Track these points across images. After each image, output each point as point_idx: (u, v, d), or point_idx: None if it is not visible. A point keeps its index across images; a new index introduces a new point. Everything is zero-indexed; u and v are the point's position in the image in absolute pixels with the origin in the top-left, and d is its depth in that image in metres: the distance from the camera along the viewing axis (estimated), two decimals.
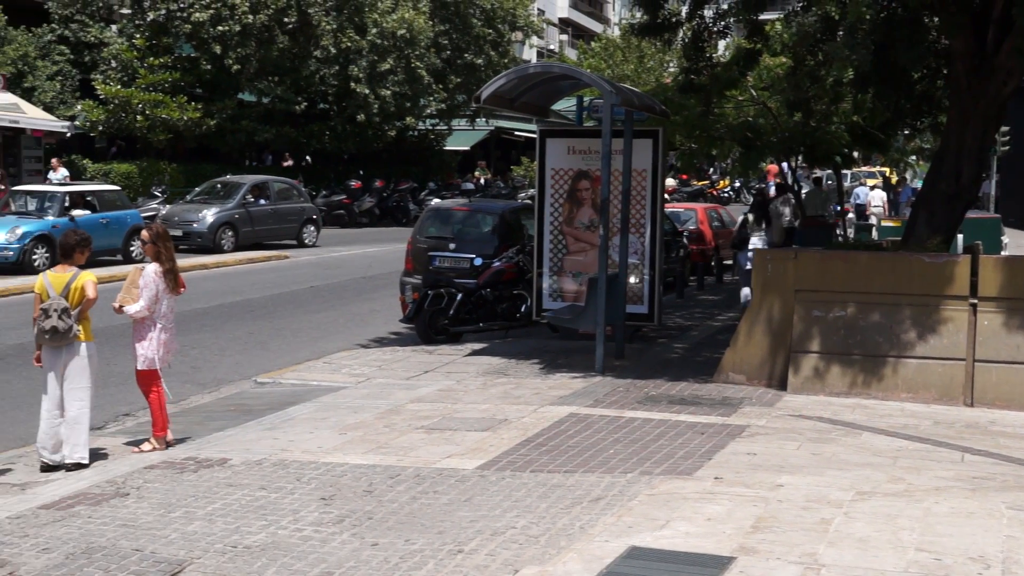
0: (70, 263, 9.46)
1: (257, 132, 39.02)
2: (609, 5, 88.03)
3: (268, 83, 38.61)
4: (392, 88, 40.01)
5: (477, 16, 44.34)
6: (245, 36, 36.28)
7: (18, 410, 11.55)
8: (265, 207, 29.95)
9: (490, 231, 17.54)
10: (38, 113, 33.74)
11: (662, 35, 15.20)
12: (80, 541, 7.18)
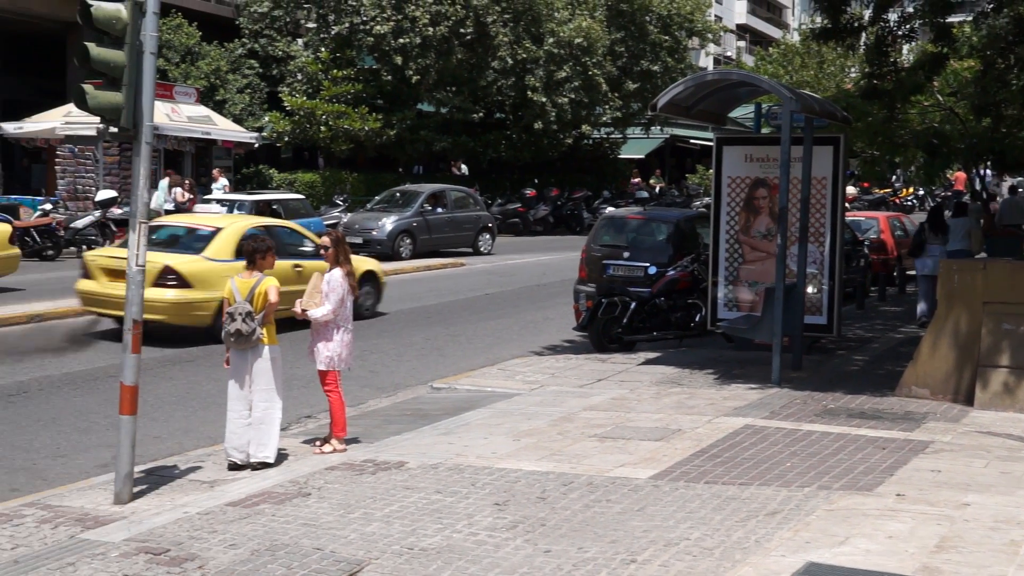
0: (255, 268, 9.78)
1: (435, 142, 39.68)
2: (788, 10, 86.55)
3: (446, 93, 39.22)
4: (568, 96, 40.16)
5: (653, 23, 44.12)
6: (425, 48, 36.95)
7: (207, 410, 12.00)
8: (442, 215, 30.42)
9: (665, 240, 17.42)
10: (228, 125, 35.07)
11: (844, 39, 14.88)
12: (264, 538, 7.41)
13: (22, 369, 13.92)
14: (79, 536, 7.60)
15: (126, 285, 8.59)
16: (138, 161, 8.51)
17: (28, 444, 10.60)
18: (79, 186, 32.04)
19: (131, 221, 8.58)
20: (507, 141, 42.04)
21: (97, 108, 8.32)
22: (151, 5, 8.31)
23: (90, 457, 10.22)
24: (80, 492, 8.80)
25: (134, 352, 8.53)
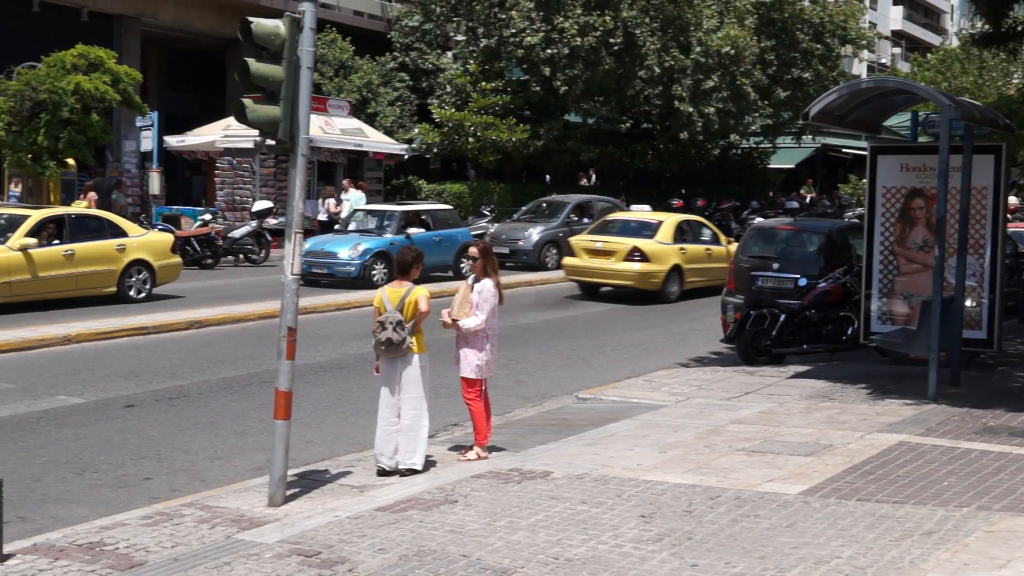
0: (405, 278, 9.93)
1: (582, 152, 39.72)
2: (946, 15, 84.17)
3: (593, 104, 39.24)
4: (716, 106, 39.77)
5: (804, 31, 43.39)
6: (573, 58, 37.04)
7: (357, 416, 12.24)
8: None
9: (816, 251, 17.11)
10: (379, 137, 35.73)
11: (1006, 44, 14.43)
12: (412, 544, 7.52)
13: (182, 374, 14.40)
14: (235, 536, 7.82)
15: (283, 293, 8.81)
16: (294, 173, 8.73)
17: (187, 446, 10.96)
18: (237, 197, 33.04)
19: (287, 231, 8.81)
20: (654, 151, 41.83)
21: (256, 121, 8.57)
22: (308, 21, 8.53)
23: (246, 460, 10.52)
24: (236, 494, 9.06)
25: (288, 359, 8.75)
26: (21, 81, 27.14)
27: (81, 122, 27.08)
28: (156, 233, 22.85)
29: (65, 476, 9.86)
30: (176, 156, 36.34)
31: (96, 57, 27.71)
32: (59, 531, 8.03)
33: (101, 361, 15.13)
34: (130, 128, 34.01)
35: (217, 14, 37.66)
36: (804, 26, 43.38)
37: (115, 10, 34.92)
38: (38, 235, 19.29)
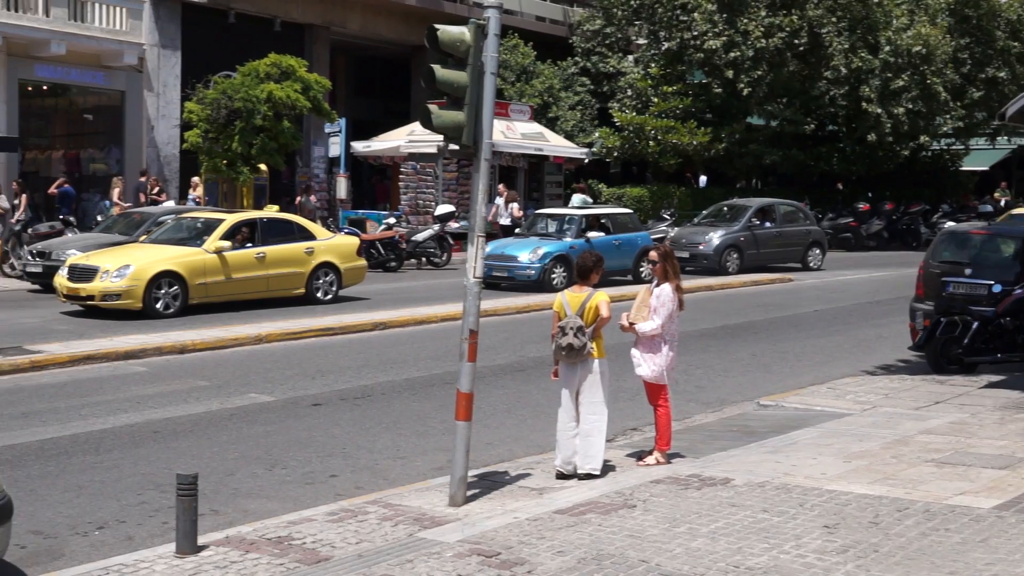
0: (586, 283, 9.94)
1: (765, 155, 39.11)
2: None
3: (777, 106, 38.59)
4: (905, 106, 38.60)
5: (1001, 28, 41.70)
6: (756, 60, 36.52)
7: (536, 419, 12.32)
8: (771, 230, 29.92)
9: (1012, 256, 16.39)
10: (560, 141, 35.91)
11: None
12: (591, 547, 7.53)
13: (367, 374, 14.75)
14: (417, 535, 7.97)
15: (465, 296, 8.94)
16: (477, 177, 8.85)
17: (371, 445, 11.22)
18: (420, 201, 33.69)
19: (469, 235, 8.93)
20: (839, 154, 40.88)
21: (441, 127, 8.72)
22: (492, 27, 8.64)
23: (427, 460, 10.70)
24: (418, 493, 9.23)
25: (470, 361, 8.87)
26: (218, 90, 28.29)
27: (273, 129, 28.08)
28: (342, 236, 23.49)
29: (256, 471, 10.21)
30: (362, 161, 37.27)
31: (288, 66, 28.69)
32: (250, 524, 8.32)
33: (290, 360, 15.62)
34: (319, 134, 35.08)
35: (403, 22, 38.48)
36: (1001, 23, 41.68)
37: (306, 20, 36.04)
38: (232, 238, 20.06)
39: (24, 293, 22.21)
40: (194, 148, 29.07)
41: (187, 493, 7.45)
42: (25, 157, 30.50)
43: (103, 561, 7.50)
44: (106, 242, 21.58)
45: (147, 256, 19.38)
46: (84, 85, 31.24)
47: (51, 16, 29.14)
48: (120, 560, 7.44)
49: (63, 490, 9.45)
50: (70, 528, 8.53)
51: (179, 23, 32.56)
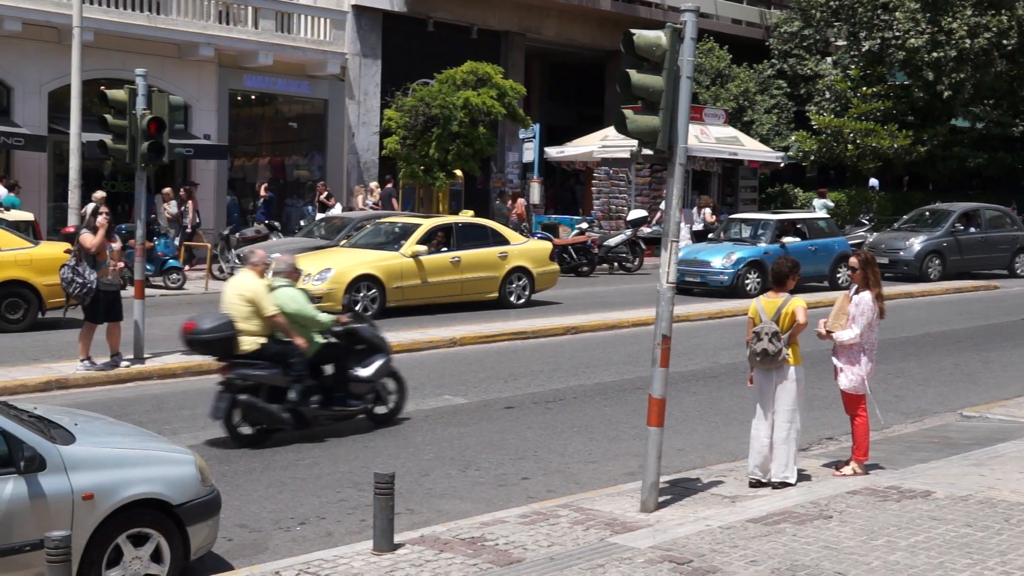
0: (782, 289, 9.77)
1: (969, 158, 37.64)
2: None
3: (983, 107, 37.09)
4: None
5: None
6: (960, 61, 35.20)
7: (729, 426, 12.16)
8: (975, 235, 28.76)
9: None
10: (755, 145, 35.37)
11: None
12: (784, 558, 7.39)
13: (559, 378, 14.83)
14: (608, 539, 7.97)
15: (658, 302, 8.90)
16: (671, 182, 8.80)
17: (563, 448, 11.28)
18: (612, 206, 33.69)
19: (663, 240, 8.89)
20: None
21: (636, 131, 8.71)
22: (689, 31, 8.58)
23: (618, 464, 10.70)
24: (609, 498, 9.23)
25: (662, 366, 8.82)
26: (416, 97, 28.93)
27: (469, 135, 28.54)
28: (536, 241, 23.68)
29: (449, 472, 10.39)
30: (555, 166, 37.49)
31: (484, 73, 29.12)
32: (444, 524, 8.48)
33: (483, 363, 15.83)
34: (513, 140, 35.46)
35: (597, 28, 38.56)
36: None
37: (503, 27, 36.49)
38: (428, 243, 20.47)
39: None
40: (392, 154, 29.78)
41: (384, 492, 7.64)
42: (233, 164, 31.81)
43: (304, 556, 7.76)
44: (308, 246, 22.31)
45: (347, 260, 19.95)
46: (289, 94, 32.39)
47: (259, 28, 30.32)
48: (320, 555, 7.68)
49: (267, 486, 9.82)
50: (273, 523, 8.86)
51: (380, 32, 33.41)
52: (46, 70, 26.96)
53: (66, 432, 7.25)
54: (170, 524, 7.20)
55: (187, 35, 28.63)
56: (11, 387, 13.09)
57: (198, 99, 29.41)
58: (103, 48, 26.62)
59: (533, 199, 33.86)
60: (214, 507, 7.59)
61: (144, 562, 7.10)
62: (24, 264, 17.47)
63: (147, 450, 7.56)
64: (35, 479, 6.68)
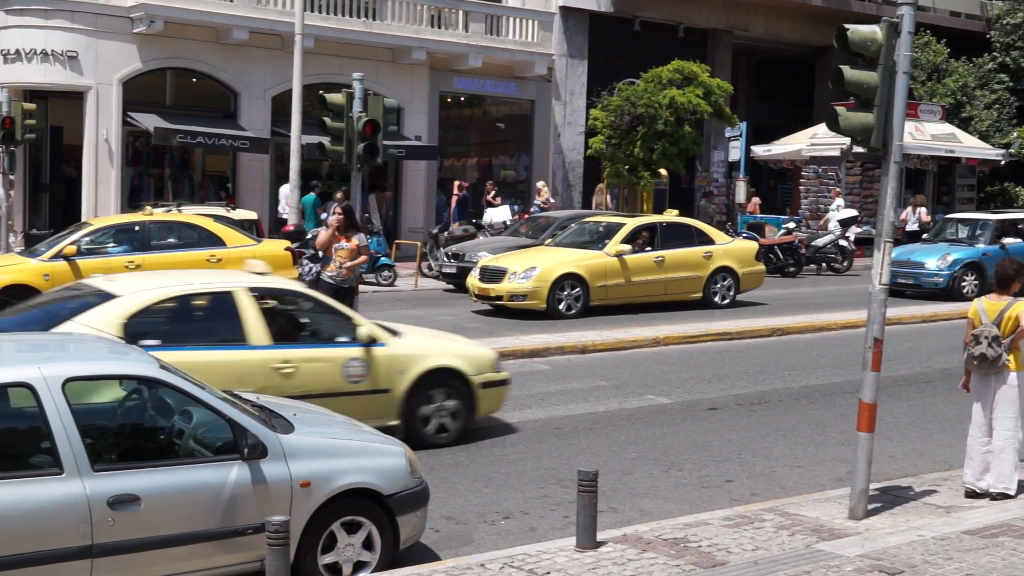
0: (1005, 292, 9.38)
1: None
2: None
3: None
4: None
5: None
6: None
7: (943, 433, 11.75)
8: None
9: None
10: (973, 142, 33.99)
11: None
12: (1003, 572, 7.12)
13: (763, 380, 14.62)
14: (814, 546, 7.83)
15: (870, 303, 8.68)
16: (886, 180, 8.57)
17: (767, 452, 11.11)
18: (821, 205, 32.92)
19: (876, 240, 8.66)
20: None
21: (848, 129, 8.51)
22: (906, 25, 8.33)
23: (825, 470, 10.48)
24: (815, 503, 9.05)
25: (874, 370, 8.59)
26: (622, 97, 28.96)
27: (674, 134, 28.40)
28: (741, 241, 23.38)
29: (652, 472, 10.38)
30: (761, 165, 36.89)
31: (690, 71, 28.93)
32: (646, 524, 8.48)
33: (687, 364, 15.74)
34: (719, 139, 35.08)
35: (807, 23, 37.77)
36: None
37: (709, 24, 36.14)
38: (632, 242, 20.46)
39: (440, 292, 23.66)
40: (597, 154, 29.88)
41: (588, 489, 7.70)
42: (443, 164, 32.49)
43: (508, 550, 7.89)
44: (514, 245, 22.61)
45: (552, 259, 20.13)
46: (497, 95, 32.89)
47: (469, 31, 30.89)
48: (524, 550, 7.79)
49: (472, 480, 10.01)
50: (479, 516, 9.03)
51: (586, 33, 33.56)
52: (270, 76, 28.17)
53: (286, 422, 7.57)
54: (381, 514, 7.43)
55: (401, 39, 29.42)
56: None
57: (410, 101, 30.18)
58: (322, 54, 27.63)
59: (739, 198, 33.43)
60: (423, 498, 7.80)
61: (356, 549, 7.36)
62: None
63: (361, 441, 7.82)
64: (257, 466, 7.00)
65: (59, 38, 26.42)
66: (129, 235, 18.29)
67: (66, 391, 6.65)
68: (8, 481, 6.44)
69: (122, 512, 6.58)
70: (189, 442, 7.15)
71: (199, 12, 26.89)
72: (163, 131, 26.27)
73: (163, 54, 27.34)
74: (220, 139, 26.91)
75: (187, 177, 29.31)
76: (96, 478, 6.56)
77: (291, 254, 18.64)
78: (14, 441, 6.87)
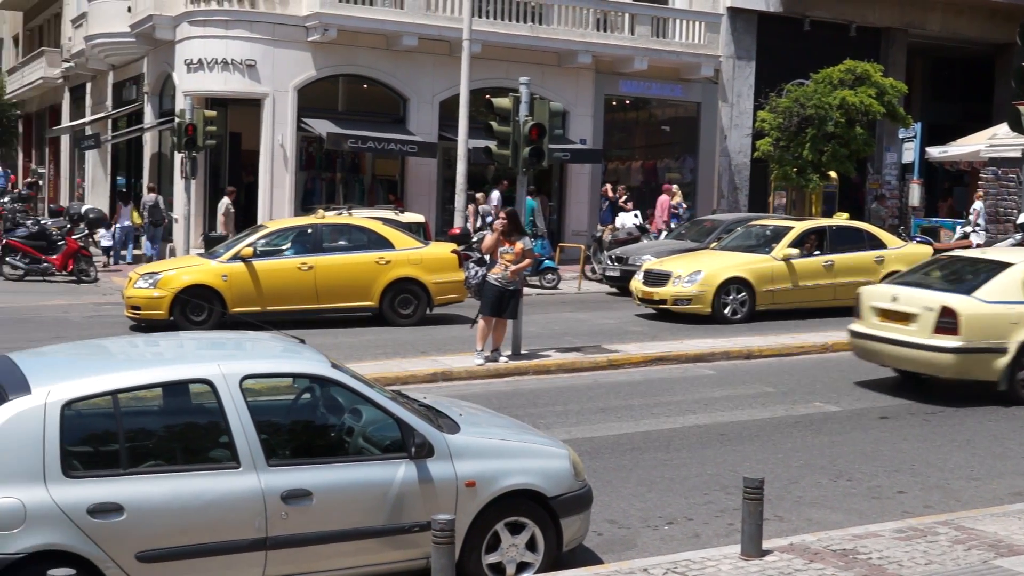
0: None
1: None
2: None
3: None
4: None
5: None
6: None
7: None
8: None
9: None
10: None
11: None
12: None
13: (937, 388, 14.16)
14: (991, 562, 7.56)
15: None
16: None
17: (942, 463, 10.78)
18: (1000, 208, 31.70)
19: None
20: None
21: None
22: None
23: (1004, 483, 10.11)
24: (993, 518, 8.73)
25: None
26: (790, 98, 28.47)
27: (845, 135, 27.77)
28: (914, 245, 22.77)
29: (819, 481, 10.18)
30: (936, 167, 35.75)
31: (863, 71, 28.26)
32: (813, 534, 8.31)
33: (856, 371, 15.33)
34: (892, 140, 34.17)
35: (987, 20, 36.49)
36: None
37: (883, 23, 35.24)
38: (800, 246, 20.09)
39: (603, 295, 23.66)
40: (764, 156, 29.44)
41: (753, 497, 7.60)
42: (607, 168, 32.47)
43: (671, 556, 7.85)
44: (678, 248, 22.46)
45: (717, 262, 19.92)
46: (663, 98, 32.71)
47: (635, 34, 30.80)
48: (688, 556, 7.74)
49: (636, 484, 9.99)
50: (641, 521, 9.01)
51: (754, 34, 33.11)
52: (438, 81, 28.63)
53: (452, 422, 7.69)
54: (544, 515, 7.48)
55: (567, 43, 29.54)
56: (403, 377, 14.02)
57: (575, 105, 30.26)
58: (489, 59, 27.94)
59: (912, 201, 32.47)
60: (586, 501, 7.82)
61: (520, 550, 7.43)
62: (415, 263, 18.66)
63: (525, 442, 7.89)
64: (424, 465, 7.14)
65: (239, 48, 27.37)
66: (302, 237, 18.85)
67: (243, 388, 6.90)
68: (189, 473, 6.72)
69: (295, 507, 6.79)
70: (358, 440, 7.33)
71: (371, 20, 27.52)
72: (335, 136, 26.96)
73: (336, 61, 28.07)
74: (389, 143, 27.47)
75: (357, 181, 30.02)
76: (271, 473, 6.78)
77: (457, 257, 18.91)
78: (194, 435, 7.16)
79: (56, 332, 16.99)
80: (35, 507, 6.28)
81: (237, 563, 6.72)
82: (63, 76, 41.68)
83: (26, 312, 19.88)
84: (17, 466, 6.34)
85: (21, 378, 6.74)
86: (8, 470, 6.32)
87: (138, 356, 8.10)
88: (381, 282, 18.44)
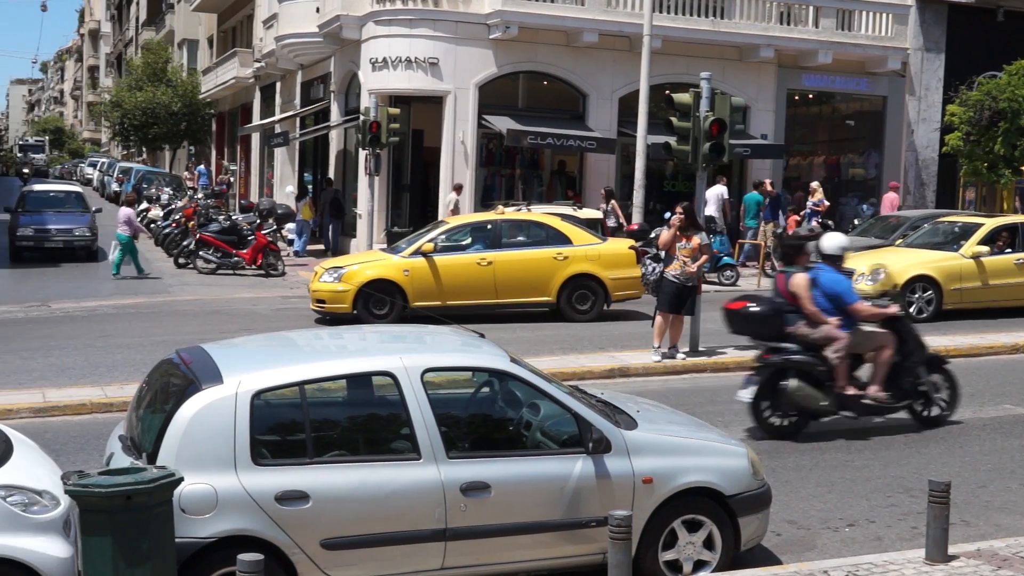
0: None
1: None
2: None
3: None
4: None
5: None
6: None
7: None
8: None
9: None
10: None
11: None
12: None
13: None
14: None
15: None
16: None
17: None
18: None
19: None
20: None
21: None
22: None
23: None
24: None
25: None
26: (981, 91, 27.47)
27: None
28: None
29: (1009, 486, 9.85)
30: None
31: None
32: (1003, 540, 8.07)
33: None
34: None
35: None
36: None
37: None
38: (991, 243, 19.39)
39: None
40: (953, 151, 28.48)
41: (939, 500, 7.41)
42: (789, 163, 31.89)
43: (853, 558, 7.72)
44: (862, 245, 21.92)
45: (901, 260, 19.39)
46: (847, 92, 31.92)
47: (820, 27, 30.15)
48: (870, 559, 7.61)
49: (816, 484, 9.85)
50: (821, 522, 8.88)
51: (944, 25, 32.01)
52: (617, 77, 28.59)
53: (629, 418, 7.73)
54: (722, 514, 7.46)
55: (748, 37, 29.10)
56: (579, 373, 14.11)
57: (756, 100, 29.81)
58: (669, 54, 27.75)
59: None
60: (764, 501, 7.76)
61: (697, 548, 7.42)
62: (593, 259, 18.72)
63: (703, 440, 7.86)
64: (601, 460, 7.20)
65: (422, 46, 27.87)
66: (482, 233, 19.10)
67: (424, 380, 7.08)
68: (371, 464, 6.93)
69: (474, 499, 6.92)
70: (536, 434, 7.43)
71: (551, 16, 27.67)
72: (515, 133, 27.20)
73: (516, 58, 28.31)
74: (568, 140, 27.56)
75: (536, 177, 30.23)
76: (450, 465, 6.94)
77: (635, 253, 18.90)
78: (377, 426, 7.38)
79: (245, 324, 17.64)
80: (226, 493, 6.55)
81: (418, 553, 6.89)
82: (254, 76, 43.12)
83: (218, 304, 20.70)
84: (209, 453, 6.61)
85: (214, 368, 7.03)
86: (201, 457, 6.59)
87: (323, 348, 8.35)
88: (559, 278, 18.57)
